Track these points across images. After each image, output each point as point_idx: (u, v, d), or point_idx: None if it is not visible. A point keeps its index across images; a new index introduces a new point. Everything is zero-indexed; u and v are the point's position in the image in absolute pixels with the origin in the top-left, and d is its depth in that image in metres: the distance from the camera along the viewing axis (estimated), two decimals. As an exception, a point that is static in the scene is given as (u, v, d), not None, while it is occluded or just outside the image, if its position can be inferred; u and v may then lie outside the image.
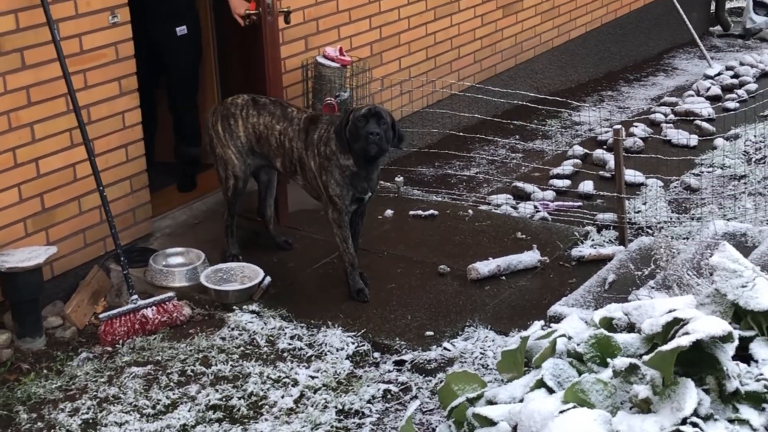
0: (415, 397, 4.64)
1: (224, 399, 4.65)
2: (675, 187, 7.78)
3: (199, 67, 7.05)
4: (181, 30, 6.62)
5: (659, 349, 2.93)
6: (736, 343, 3.21)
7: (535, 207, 7.39)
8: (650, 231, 6.45)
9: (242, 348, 5.10)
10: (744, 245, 5.21)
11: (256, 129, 5.71)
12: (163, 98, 7.14)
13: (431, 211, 6.84)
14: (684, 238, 5.73)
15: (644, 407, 2.92)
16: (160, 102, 7.14)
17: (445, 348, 5.13)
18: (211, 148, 5.94)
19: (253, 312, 5.47)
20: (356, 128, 5.22)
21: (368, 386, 4.73)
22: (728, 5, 14.57)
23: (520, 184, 7.82)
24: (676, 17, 11.93)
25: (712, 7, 14.16)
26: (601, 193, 7.18)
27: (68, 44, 5.42)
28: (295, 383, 4.76)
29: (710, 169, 8.13)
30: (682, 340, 2.90)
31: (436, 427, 4.15)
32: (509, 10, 9.54)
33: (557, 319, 4.56)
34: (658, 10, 12.07)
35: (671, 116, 9.72)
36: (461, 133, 8.39)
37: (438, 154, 8.18)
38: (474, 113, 8.43)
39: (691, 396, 2.81)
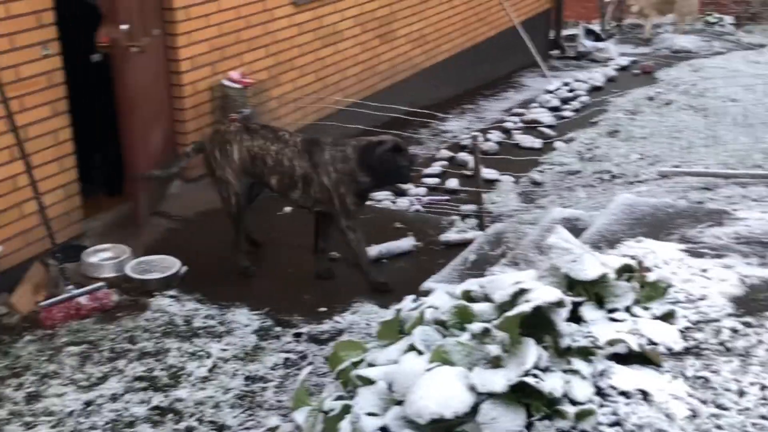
0: (311, 363, 4.64)
1: (148, 371, 4.64)
2: (523, 182, 7.94)
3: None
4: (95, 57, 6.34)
5: (506, 314, 2.97)
6: (569, 307, 3.27)
7: (411, 201, 7.45)
8: (503, 218, 6.56)
9: (163, 327, 5.07)
10: (577, 228, 5.31)
11: (251, 151, 5.45)
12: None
13: (324, 208, 6.82)
14: (530, 224, 5.81)
15: (496, 363, 2.94)
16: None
17: (336, 321, 5.15)
18: (210, 173, 5.71)
19: (172, 297, 5.44)
20: (383, 163, 5.18)
21: (271, 356, 4.77)
22: (564, 33, 14.92)
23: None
24: (523, 43, 12.18)
25: (552, 34, 14.47)
26: (464, 188, 7.30)
27: (6, 73, 5.38)
28: (209, 355, 4.76)
29: (551, 167, 8.32)
30: (524, 307, 2.95)
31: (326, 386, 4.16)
32: (385, 39, 9.60)
33: (427, 293, 4.55)
34: (508, 38, 12.26)
35: (520, 124, 9.93)
36: (349, 142, 8.38)
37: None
38: (358, 125, 8.43)
39: (532, 353, 2.85)
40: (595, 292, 3.47)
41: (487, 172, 7.91)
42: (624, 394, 2.90)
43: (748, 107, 9.42)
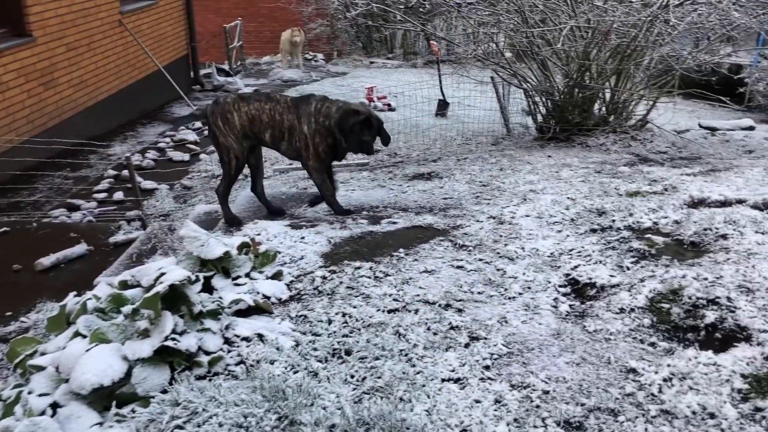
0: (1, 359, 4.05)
1: None
2: (177, 188, 7.61)
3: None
4: None
5: (146, 295, 2.79)
6: (202, 281, 3.18)
7: (84, 214, 6.81)
8: (161, 219, 6.25)
9: None
10: (216, 218, 5.21)
11: (249, 114, 4.67)
12: None
13: (4, 229, 6.00)
14: (181, 220, 5.58)
15: (144, 335, 2.76)
16: None
17: (21, 321, 4.55)
18: (213, 139, 4.84)
19: None
20: (352, 131, 4.49)
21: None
22: (202, 72, 14.63)
23: (72, 201, 7.16)
24: (169, 82, 11.70)
25: (192, 73, 14.10)
26: (128, 198, 6.81)
27: None
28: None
29: (198, 173, 8.08)
30: (160, 287, 2.79)
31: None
32: (49, 86, 8.66)
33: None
34: (157, 78, 11.69)
35: (171, 143, 9.52)
36: (27, 172, 7.53)
37: (8, 188, 7.20)
38: (36, 158, 7.59)
39: (169, 322, 2.71)
40: (222, 266, 3.40)
41: (148, 183, 7.51)
42: (246, 339, 2.87)
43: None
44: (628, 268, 3.43)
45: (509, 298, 3.26)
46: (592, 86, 6.98)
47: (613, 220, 4.09)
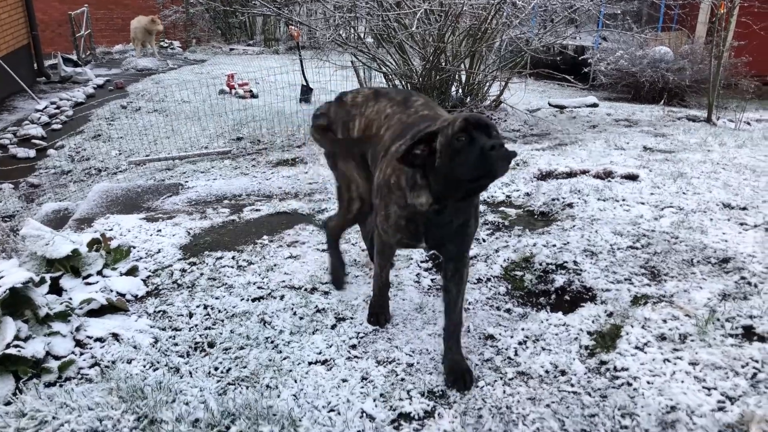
0: None
1: None
2: (22, 186, 7.05)
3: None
4: None
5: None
6: (48, 282, 2.97)
7: None
8: (8, 219, 5.76)
9: None
10: (67, 216, 4.90)
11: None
12: None
13: None
14: (29, 218, 5.16)
15: (-18, 345, 2.53)
16: None
17: None
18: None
19: None
20: (460, 148, 2.11)
21: None
22: (48, 63, 13.63)
23: None
24: (9, 74, 10.79)
25: (35, 65, 13.09)
26: (-35, 200, 6.23)
27: None
28: None
29: (46, 170, 7.53)
30: (-2, 292, 2.57)
31: None
32: None
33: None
34: (-7, 69, 10.78)
35: (15, 139, 8.81)
36: None
37: None
38: None
39: (11, 328, 2.50)
40: (71, 265, 3.18)
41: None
42: (99, 340, 2.70)
43: (197, 106, 9.56)
44: (484, 240, 3.57)
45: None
46: (447, 68, 7.18)
47: (471, 196, 4.23)
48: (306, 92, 9.68)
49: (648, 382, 2.37)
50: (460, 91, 7.78)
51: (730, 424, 2.15)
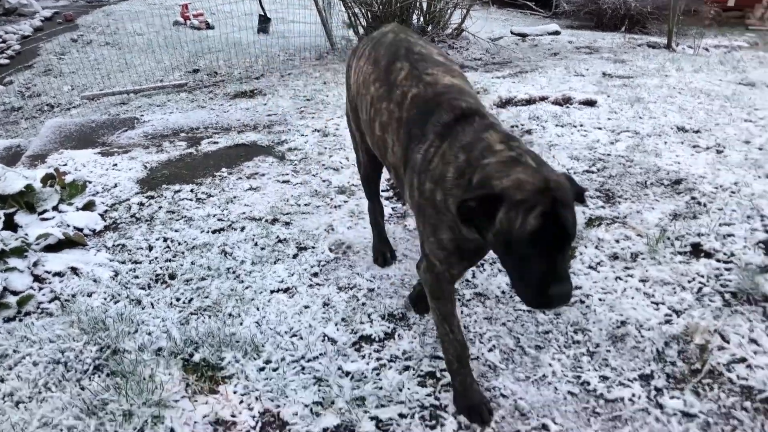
0: None
1: None
2: (-29, 124, 6.82)
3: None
4: None
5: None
6: (2, 218, 2.92)
7: None
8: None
9: None
10: (20, 152, 4.76)
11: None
12: None
13: None
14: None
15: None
16: None
17: None
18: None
19: None
20: (522, 258, 1.56)
21: None
22: None
23: None
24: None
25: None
26: None
27: None
28: None
29: (-4, 107, 7.28)
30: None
31: None
32: None
33: None
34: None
35: (-40, 76, 8.46)
36: None
37: None
38: None
39: (-35, 264, 2.47)
40: (26, 201, 3.12)
41: (-66, 122, 6.64)
42: (58, 274, 2.69)
43: (151, 38, 9.25)
44: (445, 168, 3.59)
45: (335, 207, 3.31)
46: (408, -5, 7.03)
47: (431, 124, 4.22)
48: (264, 22, 9.42)
49: (600, 299, 2.46)
50: (422, 19, 7.66)
51: (676, 335, 2.26)
